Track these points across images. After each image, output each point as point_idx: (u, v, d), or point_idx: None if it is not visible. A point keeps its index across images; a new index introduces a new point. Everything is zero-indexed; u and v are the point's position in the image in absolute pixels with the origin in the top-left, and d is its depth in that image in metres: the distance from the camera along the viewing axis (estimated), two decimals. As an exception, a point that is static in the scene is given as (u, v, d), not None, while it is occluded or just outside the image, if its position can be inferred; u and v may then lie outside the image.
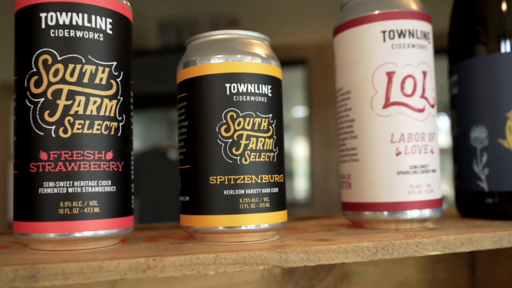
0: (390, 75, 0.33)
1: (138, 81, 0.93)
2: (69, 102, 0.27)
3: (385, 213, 0.33)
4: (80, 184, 0.27)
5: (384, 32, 0.33)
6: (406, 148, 0.32)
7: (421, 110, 0.33)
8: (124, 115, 0.29)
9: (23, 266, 0.23)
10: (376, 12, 0.33)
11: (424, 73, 0.33)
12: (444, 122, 3.05)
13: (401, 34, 0.33)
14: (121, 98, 0.29)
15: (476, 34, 0.38)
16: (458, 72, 0.39)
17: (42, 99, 0.27)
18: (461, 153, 0.39)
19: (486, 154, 0.36)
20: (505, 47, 0.36)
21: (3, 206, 1.83)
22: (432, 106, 0.34)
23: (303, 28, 2.91)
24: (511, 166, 0.35)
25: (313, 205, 2.47)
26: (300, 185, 4.36)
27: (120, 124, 0.29)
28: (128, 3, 0.31)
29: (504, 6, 0.37)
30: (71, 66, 0.27)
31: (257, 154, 0.29)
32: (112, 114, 0.28)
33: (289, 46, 2.94)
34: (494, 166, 0.36)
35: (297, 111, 4.53)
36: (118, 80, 0.29)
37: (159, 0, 2.89)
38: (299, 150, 4.39)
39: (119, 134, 0.29)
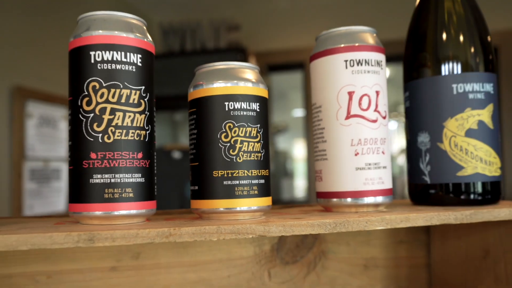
0: (350, 94, 0.43)
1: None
2: (111, 117, 0.37)
3: (348, 199, 0.43)
4: (119, 176, 0.37)
5: (346, 61, 0.43)
6: (363, 150, 0.43)
7: (374, 121, 0.43)
8: (149, 125, 0.39)
9: (84, 232, 0.33)
10: (342, 45, 0.43)
11: (377, 92, 0.43)
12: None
13: (359, 62, 0.43)
14: (148, 113, 0.39)
15: (422, 60, 0.48)
16: (409, 90, 0.49)
17: (92, 114, 0.37)
18: (411, 154, 0.49)
19: (429, 155, 0.47)
20: (443, 71, 0.46)
21: (17, 203, 1.93)
22: (384, 117, 0.44)
23: (301, 33, 3.01)
24: (447, 163, 0.45)
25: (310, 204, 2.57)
26: (300, 185, 4.45)
27: (147, 132, 0.39)
28: (152, 40, 0.41)
29: (444, 37, 0.47)
30: (112, 90, 0.37)
31: (248, 154, 0.39)
32: (141, 125, 0.38)
33: (289, 50, 3.04)
34: (434, 164, 0.46)
35: (296, 113, 4.63)
36: (145, 99, 0.39)
37: (163, 6, 2.99)
38: (298, 150, 4.49)
39: (146, 140, 0.39)
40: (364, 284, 0.56)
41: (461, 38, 0.46)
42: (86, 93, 0.37)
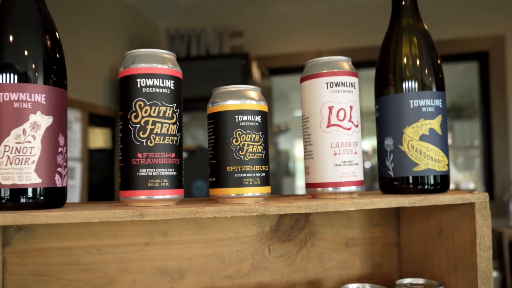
0: (330, 108, 0.56)
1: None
2: (153, 127, 0.51)
3: (329, 188, 0.56)
4: (158, 170, 0.50)
5: (327, 83, 0.56)
6: (340, 151, 0.56)
7: (349, 129, 0.56)
8: (179, 133, 0.53)
9: (136, 210, 0.47)
10: (324, 71, 0.57)
11: (351, 107, 0.57)
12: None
13: (337, 84, 0.56)
14: (178, 124, 0.53)
15: (388, 81, 0.61)
16: (379, 104, 0.62)
17: (138, 125, 0.51)
18: (380, 154, 0.62)
19: (392, 154, 0.60)
20: (403, 90, 0.60)
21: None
22: (356, 126, 0.57)
23: (301, 37, 3.14)
24: (406, 161, 0.59)
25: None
26: (301, 183, 4.58)
27: (178, 138, 0.53)
28: (180, 69, 0.55)
29: (403, 63, 0.60)
30: (153, 107, 0.51)
31: (253, 154, 0.53)
32: (174, 133, 0.52)
33: (289, 54, 3.18)
34: (396, 162, 0.59)
35: (297, 113, 4.76)
36: (176, 114, 0.52)
37: (169, 13, 3.13)
38: (299, 150, 4.61)
39: (177, 144, 0.52)
40: (345, 258, 0.70)
41: (417, 64, 0.60)
42: (134, 109, 0.51)
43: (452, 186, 2.51)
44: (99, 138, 2.71)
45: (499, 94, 2.90)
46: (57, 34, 0.53)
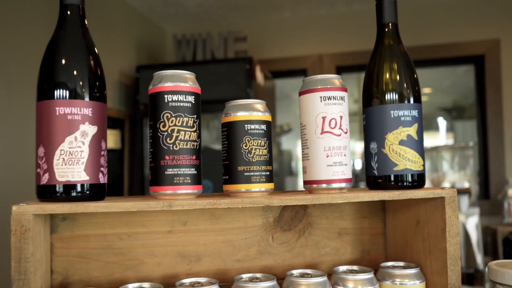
0: (324, 118, 0.67)
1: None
2: (178, 134, 0.62)
3: (323, 185, 0.67)
4: (182, 170, 0.62)
5: (321, 97, 0.68)
6: (331, 153, 0.67)
7: (339, 135, 0.68)
8: (199, 139, 0.64)
9: (165, 202, 0.58)
10: (319, 87, 0.68)
11: (341, 117, 0.68)
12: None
13: (329, 98, 0.68)
14: (198, 131, 0.64)
15: (372, 95, 0.72)
16: (365, 113, 0.74)
17: (166, 133, 0.62)
18: (366, 156, 0.73)
19: (376, 156, 0.71)
20: (386, 101, 0.71)
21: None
22: (345, 132, 0.68)
23: (303, 42, 3.26)
24: (387, 162, 0.70)
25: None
26: (302, 183, 4.68)
27: (197, 143, 0.64)
28: (198, 86, 0.66)
29: (385, 80, 0.71)
30: (178, 118, 0.62)
31: (259, 156, 0.64)
32: (194, 139, 0.63)
33: (292, 58, 3.29)
34: (380, 162, 0.71)
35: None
36: (196, 123, 0.64)
37: (176, 19, 3.25)
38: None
39: (197, 148, 0.64)
40: (338, 246, 0.81)
41: (397, 80, 0.71)
42: (162, 120, 0.62)
43: (447, 184, 2.62)
44: (110, 139, 2.82)
45: (494, 96, 3.00)
46: (97, 55, 0.64)
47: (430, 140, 5.36)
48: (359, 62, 2.99)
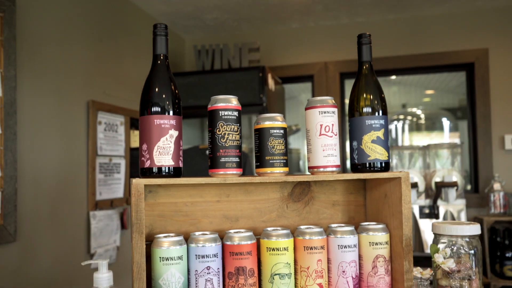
0: (321, 125, 1.03)
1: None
2: (228, 136, 0.98)
3: (321, 169, 1.03)
4: (230, 159, 0.98)
5: (319, 111, 1.03)
6: (326, 148, 1.03)
7: (331, 137, 1.03)
8: (241, 139, 1.00)
9: (221, 177, 0.94)
10: (318, 105, 1.04)
11: (333, 124, 1.03)
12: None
13: (325, 112, 1.03)
14: (239, 134, 1.00)
15: (354, 108, 1.07)
16: (350, 122, 1.09)
17: (220, 135, 0.98)
18: (350, 150, 1.09)
19: (356, 151, 1.06)
20: (363, 113, 1.06)
21: (92, 190, 2.56)
22: (336, 134, 1.04)
23: (310, 50, 3.61)
24: (364, 154, 1.05)
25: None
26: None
27: (240, 142, 1.00)
28: (239, 104, 1.01)
29: (360, 98, 1.06)
30: (228, 126, 0.98)
31: (279, 150, 1.00)
32: (238, 139, 0.99)
33: (300, 65, 3.64)
34: (359, 155, 1.06)
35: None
36: (239, 129, 1.00)
37: (196, 31, 3.61)
38: (308, 149, 5.02)
39: (239, 144, 1.00)
40: (332, 213, 1.16)
41: (370, 99, 1.06)
42: (217, 127, 0.98)
43: (438, 179, 2.95)
44: (138, 139, 3.19)
45: (483, 99, 3.32)
46: (176, 84, 1.00)
47: (434, 139, 5.63)
48: (360, 69, 3.32)
